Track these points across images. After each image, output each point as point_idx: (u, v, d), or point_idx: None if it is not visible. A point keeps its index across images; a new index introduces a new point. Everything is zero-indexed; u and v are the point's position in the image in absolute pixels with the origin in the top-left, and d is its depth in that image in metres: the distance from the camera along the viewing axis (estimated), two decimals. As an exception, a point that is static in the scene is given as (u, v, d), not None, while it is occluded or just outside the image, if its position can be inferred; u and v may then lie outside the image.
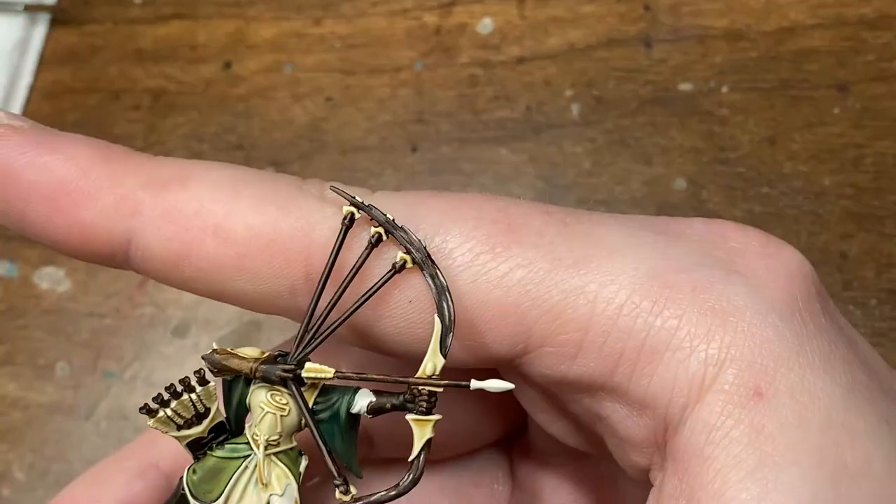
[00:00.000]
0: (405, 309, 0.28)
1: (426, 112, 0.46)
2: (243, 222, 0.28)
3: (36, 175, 0.28)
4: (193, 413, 0.28)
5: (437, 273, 0.27)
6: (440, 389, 0.27)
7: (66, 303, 0.45)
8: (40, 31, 0.53)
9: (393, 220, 0.27)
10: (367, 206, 0.27)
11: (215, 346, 0.28)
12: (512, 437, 0.36)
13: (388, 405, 0.27)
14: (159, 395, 0.28)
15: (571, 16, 0.45)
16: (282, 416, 0.27)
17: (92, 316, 0.46)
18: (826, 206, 0.44)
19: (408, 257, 0.27)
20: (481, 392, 0.27)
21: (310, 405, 0.27)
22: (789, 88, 0.44)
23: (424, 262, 0.27)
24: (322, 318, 0.28)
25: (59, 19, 0.54)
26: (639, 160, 0.44)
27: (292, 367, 0.27)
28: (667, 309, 0.27)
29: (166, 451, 0.32)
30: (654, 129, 0.45)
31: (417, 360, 0.27)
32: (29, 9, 0.53)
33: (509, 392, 0.31)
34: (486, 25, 0.45)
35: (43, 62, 0.52)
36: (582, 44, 0.45)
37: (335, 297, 0.27)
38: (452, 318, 0.27)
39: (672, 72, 0.45)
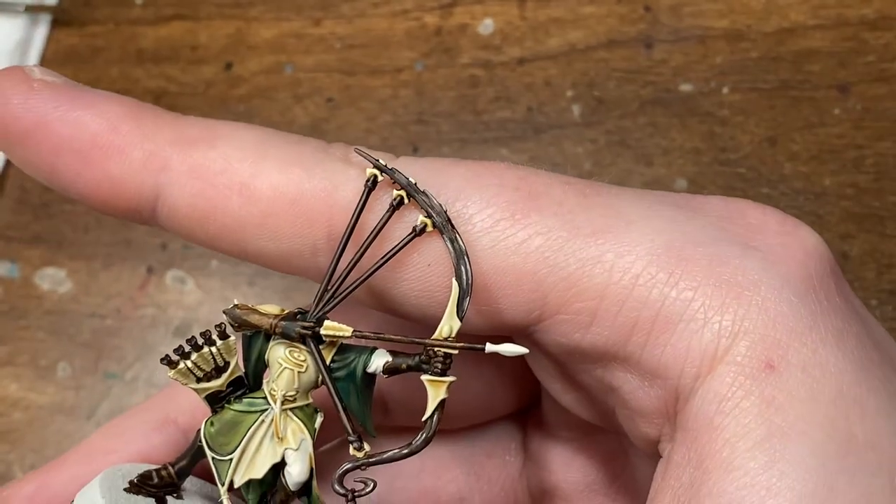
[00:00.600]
0: (424, 271, 0.29)
1: (427, 113, 0.46)
2: (268, 182, 0.29)
3: (68, 129, 0.29)
4: (213, 366, 0.29)
5: (456, 237, 0.28)
6: (455, 352, 0.27)
7: (67, 303, 0.46)
8: (41, 31, 0.54)
9: (415, 183, 0.28)
10: (391, 170, 0.28)
11: (236, 302, 0.29)
12: (526, 410, 0.36)
13: (404, 365, 0.28)
14: (180, 346, 0.29)
15: (572, 16, 0.45)
16: (299, 372, 0.28)
17: (93, 317, 0.46)
18: (826, 206, 0.44)
19: (428, 221, 0.28)
20: (496, 362, 0.27)
21: (327, 363, 0.28)
22: (790, 89, 0.45)
23: (444, 226, 0.28)
24: (342, 278, 0.28)
25: (60, 20, 0.54)
26: (640, 161, 0.44)
27: (311, 324, 0.28)
28: (682, 280, 0.28)
29: (185, 406, 0.33)
30: (654, 130, 0.45)
31: (434, 323, 0.28)
32: (30, 9, 0.53)
33: (524, 364, 0.31)
34: (486, 26, 0.45)
35: (44, 63, 0.53)
36: (582, 44, 0.45)
37: (356, 258, 0.28)
38: (470, 282, 0.27)
39: (673, 72, 0.45)
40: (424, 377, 0.27)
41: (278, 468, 0.28)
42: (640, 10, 0.45)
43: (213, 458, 0.29)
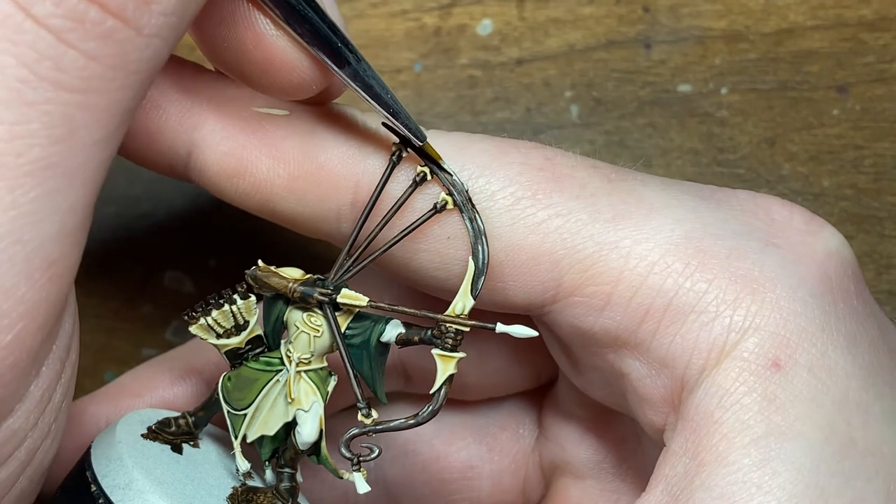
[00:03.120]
0: (443, 244, 0.29)
1: (426, 113, 0.46)
2: (299, 145, 0.30)
3: None
4: (233, 324, 0.31)
5: (475, 217, 0.29)
6: (467, 329, 0.28)
7: (66, 304, 0.46)
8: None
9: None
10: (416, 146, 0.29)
11: (260, 263, 0.29)
12: (543, 388, 0.37)
13: (416, 338, 0.29)
14: (202, 303, 0.30)
15: (571, 17, 0.46)
16: (315, 336, 0.29)
17: (91, 317, 0.46)
18: (825, 207, 0.45)
19: (449, 199, 0.29)
20: (514, 341, 0.28)
21: (342, 329, 0.29)
22: (788, 90, 0.45)
23: (464, 205, 0.29)
24: (362, 247, 0.29)
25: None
26: (638, 161, 0.44)
27: (329, 291, 0.29)
28: (698, 272, 0.28)
29: (211, 358, 0.34)
30: (653, 131, 0.45)
31: (450, 296, 0.29)
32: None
33: (542, 343, 0.32)
34: (485, 27, 0.46)
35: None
36: (581, 45, 0.46)
37: (376, 229, 0.29)
38: (486, 262, 0.28)
39: (671, 73, 0.45)
40: (435, 351, 0.28)
41: (290, 427, 0.29)
42: (639, 10, 0.46)
43: (228, 412, 0.30)
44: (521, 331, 0.27)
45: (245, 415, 0.29)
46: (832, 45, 0.45)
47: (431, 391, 0.28)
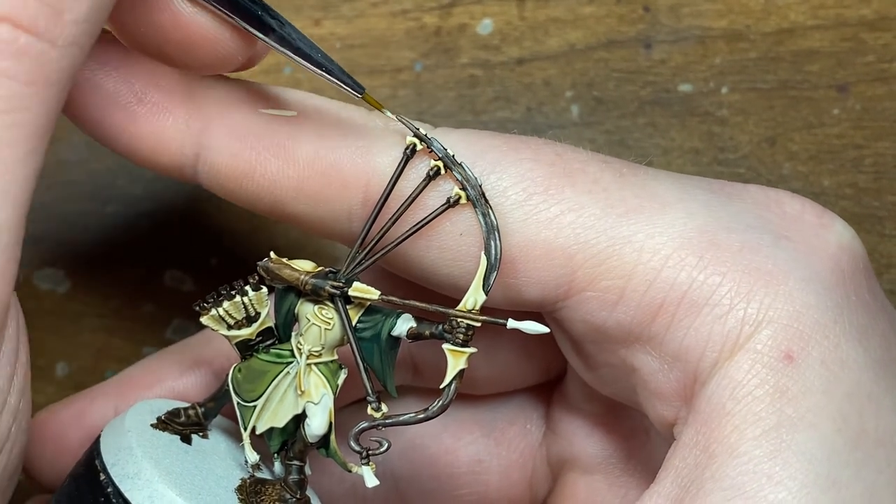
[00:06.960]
0: (455, 241, 0.30)
1: (426, 113, 0.47)
2: (307, 145, 0.30)
3: (114, 85, 0.30)
4: (244, 315, 0.31)
5: (488, 212, 0.29)
6: (478, 324, 0.28)
7: (66, 303, 0.46)
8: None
9: (452, 155, 0.29)
10: (429, 139, 0.29)
11: (272, 255, 0.30)
12: (551, 383, 0.38)
13: (427, 332, 0.29)
14: (213, 294, 0.30)
15: (571, 17, 0.46)
16: (326, 329, 0.29)
17: (92, 316, 0.47)
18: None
19: (462, 193, 0.29)
20: (523, 336, 0.28)
21: (353, 323, 0.29)
22: (789, 89, 0.46)
23: (478, 199, 0.29)
24: (374, 241, 0.29)
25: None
26: (639, 161, 0.45)
27: (340, 284, 0.29)
28: (711, 265, 0.28)
29: (220, 349, 0.34)
30: (654, 130, 0.46)
31: (461, 293, 0.29)
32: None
33: (550, 338, 0.32)
34: (485, 26, 0.47)
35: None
36: (582, 45, 0.46)
37: (389, 223, 0.29)
38: (499, 257, 0.29)
39: (672, 73, 0.46)
40: (445, 346, 0.28)
41: (300, 419, 0.30)
42: (640, 10, 0.46)
43: (238, 404, 0.30)
44: (532, 327, 0.28)
45: (255, 406, 0.29)
46: (833, 45, 0.46)
47: (441, 386, 0.28)
